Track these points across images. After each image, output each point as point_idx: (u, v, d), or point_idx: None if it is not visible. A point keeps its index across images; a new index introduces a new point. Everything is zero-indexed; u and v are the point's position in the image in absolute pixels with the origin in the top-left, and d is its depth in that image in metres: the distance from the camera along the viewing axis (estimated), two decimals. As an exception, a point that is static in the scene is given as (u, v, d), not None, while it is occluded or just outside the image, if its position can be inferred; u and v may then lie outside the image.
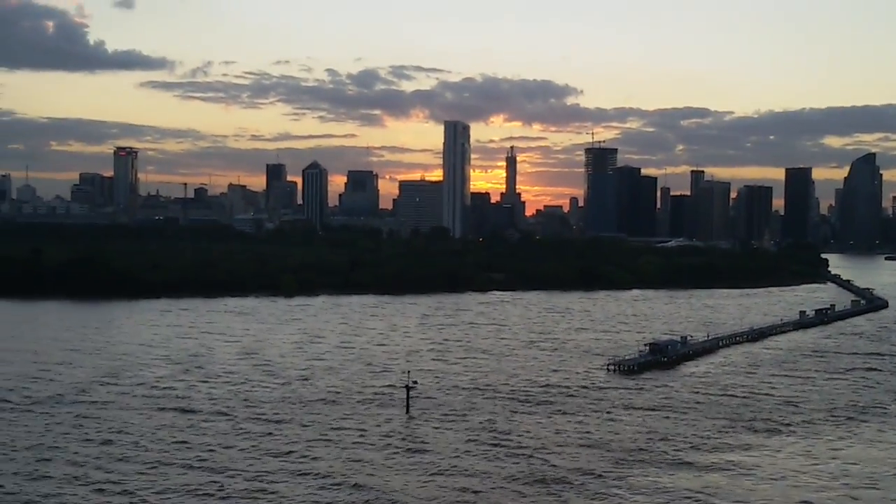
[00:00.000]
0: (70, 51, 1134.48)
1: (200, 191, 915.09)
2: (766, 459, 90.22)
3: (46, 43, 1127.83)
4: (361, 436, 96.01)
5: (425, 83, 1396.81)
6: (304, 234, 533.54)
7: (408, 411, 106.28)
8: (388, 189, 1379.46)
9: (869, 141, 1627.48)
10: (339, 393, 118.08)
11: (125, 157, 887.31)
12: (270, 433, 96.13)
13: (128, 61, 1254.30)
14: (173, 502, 74.22)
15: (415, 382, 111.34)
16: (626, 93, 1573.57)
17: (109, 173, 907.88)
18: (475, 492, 78.06)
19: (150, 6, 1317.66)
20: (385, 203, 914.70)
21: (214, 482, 78.58)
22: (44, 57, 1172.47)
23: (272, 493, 76.26)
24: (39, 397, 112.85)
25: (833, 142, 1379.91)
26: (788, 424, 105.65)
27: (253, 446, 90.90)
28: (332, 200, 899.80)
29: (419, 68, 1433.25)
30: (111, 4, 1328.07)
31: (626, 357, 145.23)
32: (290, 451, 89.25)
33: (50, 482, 78.71)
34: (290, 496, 75.69)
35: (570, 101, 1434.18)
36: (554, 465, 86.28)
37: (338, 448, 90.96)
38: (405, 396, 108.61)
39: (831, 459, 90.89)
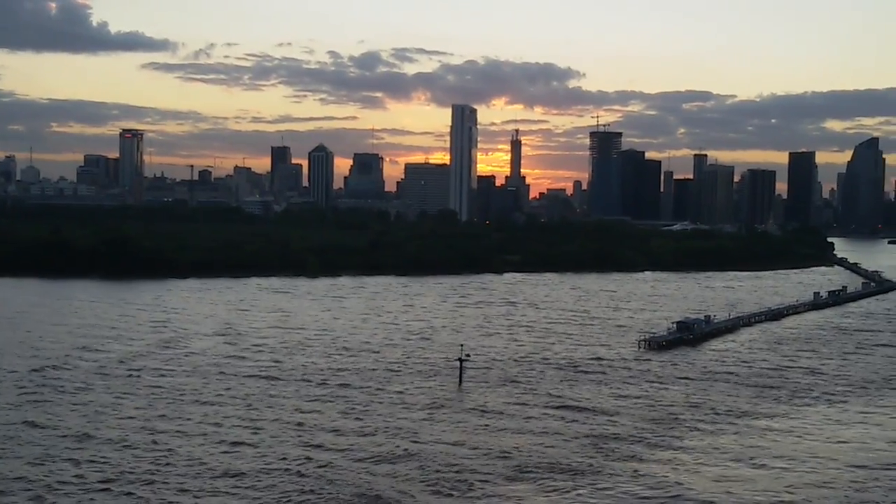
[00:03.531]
0: (73, 32, 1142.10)
1: (205, 173, 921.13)
2: (802, 423, 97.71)
3: (49, 24, 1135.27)
4: (430, 395, 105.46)
5: (427, 66, 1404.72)
6: (313, 216, 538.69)
7: (461, 382, 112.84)
8: (389, 171, 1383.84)
9: (871, 125, 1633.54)
10: (403, 363, 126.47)
11: (130, 140, 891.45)
12: (342, 396, 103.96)
13: (131, 43, 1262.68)
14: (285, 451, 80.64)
15: (467, 355, 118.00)
16: (628, 76, 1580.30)
17: (114, 155, 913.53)
18: (548, 447, 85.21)
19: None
20: (388, 186, 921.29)
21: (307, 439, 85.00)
22: (46, 38, 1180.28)
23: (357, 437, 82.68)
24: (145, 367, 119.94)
25: (835, 126, 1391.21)
26: (816, 394, 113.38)
27: (329, 406, 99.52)
28: (336, 183, 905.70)
29: (421, 51, 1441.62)
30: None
31: (656, 334, 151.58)
32: (352, 409, 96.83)
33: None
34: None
35: (571, 84, 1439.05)
36: (615, 424, 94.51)
37: (405, 409, 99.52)
38: (458, 368, 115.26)
39: (858, 423, 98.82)
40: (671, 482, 76.19)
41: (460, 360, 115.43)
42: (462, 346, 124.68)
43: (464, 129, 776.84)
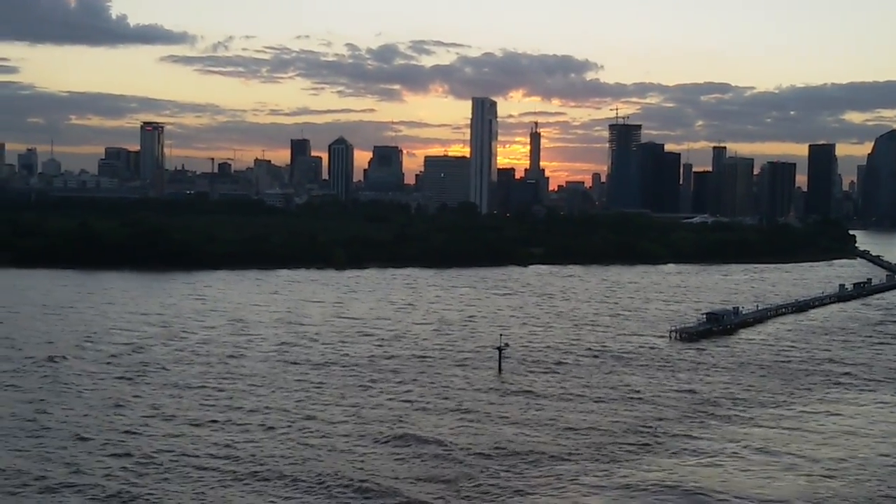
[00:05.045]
0: (92, 25, 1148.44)
1: (225, 165, 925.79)
2: (840, 408, 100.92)
3: (69, 18, 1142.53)
4: (468, 383, 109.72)
5: (445, 58, 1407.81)
6: (335, 209, 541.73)
7: (500, 371, 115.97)
8: (407, 164, 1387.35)
9: (890, 116, 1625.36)
10: (444, 350, 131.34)
11: (151, 132, 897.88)
12: (386, 380, 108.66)
13: (149, 35, 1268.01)
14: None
15: (506, 344, 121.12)
16: (646, 68, 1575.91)
17: (134, 147, 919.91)
18: (592, 430, 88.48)
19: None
20: (406, 178, 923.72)
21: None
22: (66, 31, 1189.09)
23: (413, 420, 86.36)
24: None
25: (854, 117, 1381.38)
26: (848, 383, 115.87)
27: (380, 391, 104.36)
28: (355, 175, 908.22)
29: (439, 43, 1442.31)
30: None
31: (687, 325, 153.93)
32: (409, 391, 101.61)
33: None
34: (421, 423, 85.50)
35: (589, 76, 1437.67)
36: (656, 410, 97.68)
37: (453, 390, 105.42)
38: (497, 356, 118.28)
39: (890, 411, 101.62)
40: (716, 470, 78.70)
41: (499, 348, 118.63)
42: (501, 335, 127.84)
43: (484, 122, 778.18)
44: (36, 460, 77.36)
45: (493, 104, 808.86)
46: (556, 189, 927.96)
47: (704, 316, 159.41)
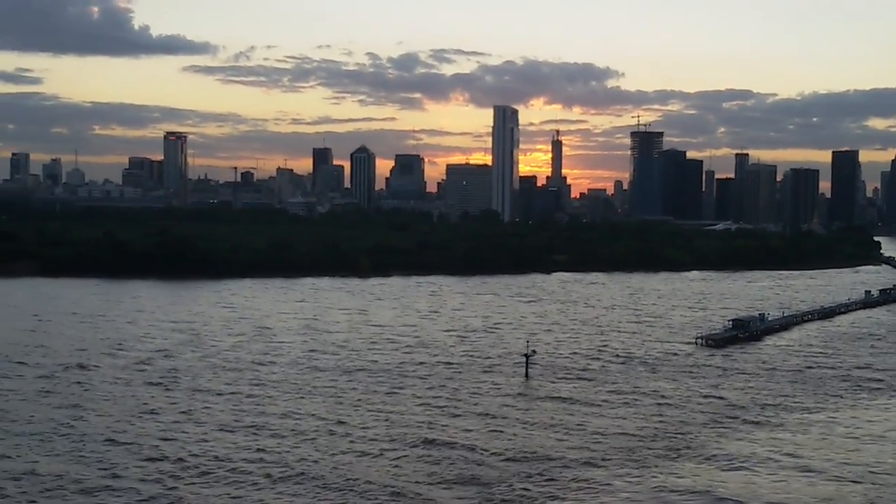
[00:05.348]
0: (115, 36, 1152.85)
1: (247, 174, 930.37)
2: (870, 414, 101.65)
3: (92, 28, 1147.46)
4: (496, 389, 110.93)
5: (465, 66, 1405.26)
6: (358, 217, 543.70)
7: (527, 377, 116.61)
8: (428, 172, 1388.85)
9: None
10: (471, 356, 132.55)
11: (175, 142, 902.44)
12: (414, 386, 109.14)
13: (172, 46, 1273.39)
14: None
15: (533, 351, 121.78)
16: (667, 75, 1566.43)
17: (157, 157, 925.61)
18: (621, 435, 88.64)
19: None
20: (428, 186, 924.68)
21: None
22: (89, 42, 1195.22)
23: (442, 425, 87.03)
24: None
25: (877, 123, 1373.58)
26: (878, 388, 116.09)
27: (409, 397, 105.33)
28: (377, 184, 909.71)
29: (460, 51, 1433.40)
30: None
31: (713, 331, 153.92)
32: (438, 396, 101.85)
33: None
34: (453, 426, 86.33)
35: (610, 83, 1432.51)
36: (685, 415, 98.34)
37: (481, 396, 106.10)
38: (525, 363, 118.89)
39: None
40: (746, 476, 78.92)
41: (526, 355, 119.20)
42: (528, 342, 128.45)
43: (506, 130, 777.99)
44: (73, 463, 78.61)
45: (515, 112, 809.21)
46: (577, 197, 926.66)
47: (730, 322, 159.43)
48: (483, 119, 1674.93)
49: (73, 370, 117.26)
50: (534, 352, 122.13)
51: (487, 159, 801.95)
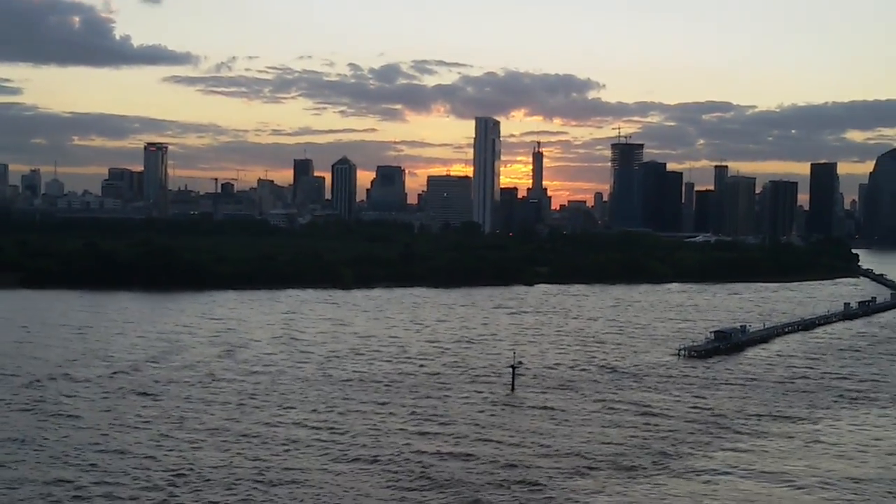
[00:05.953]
0: (96, 46, 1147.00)
1: (227, 185, 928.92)
2: (853, 424, 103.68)
3: (73, 38, 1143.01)
4: (483, 399, 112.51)
5: (447, 77, 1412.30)
6: (339, 229, 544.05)
7: (513, 388, 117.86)
8: (409, 184, 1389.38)
9: (891, 135, 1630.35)
10: (457, 367, 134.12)
11: (155, 153, 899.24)
12: (402, 396, 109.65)
13: (153, 56, 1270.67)
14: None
15: (520, 362, 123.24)
16: (647, 87, 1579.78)
17: (138, 168, 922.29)
18: (606, 445, 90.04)
19: (177, 1, 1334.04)
20: (409, 198, 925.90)
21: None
22: (70, 52, 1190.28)
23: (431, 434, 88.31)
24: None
25: (855, 136, 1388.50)
26: (856, 399, 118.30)
27: (403, 406, 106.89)
28: (358, 195, 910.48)
29: (441, 63, 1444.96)
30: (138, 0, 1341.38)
31: (695, 343, 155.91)
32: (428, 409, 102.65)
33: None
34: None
35: (591, 95, 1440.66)
36: (669, 425, 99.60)
37: (468, 406, 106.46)
38: (511, 374, 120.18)
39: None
40: (733, 485, 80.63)
41: (512, 366, 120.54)
42: (514, 353, 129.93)
43: (487, 142, 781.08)
44: (73, 471, 79.18)
45: (497, 124, 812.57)
46: (558, 208, 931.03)
47: (713, 334, 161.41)
48: (464, 130, 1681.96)
49: (63, 380, 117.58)
50: (520, 363, 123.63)
51: (468, 171, 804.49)
